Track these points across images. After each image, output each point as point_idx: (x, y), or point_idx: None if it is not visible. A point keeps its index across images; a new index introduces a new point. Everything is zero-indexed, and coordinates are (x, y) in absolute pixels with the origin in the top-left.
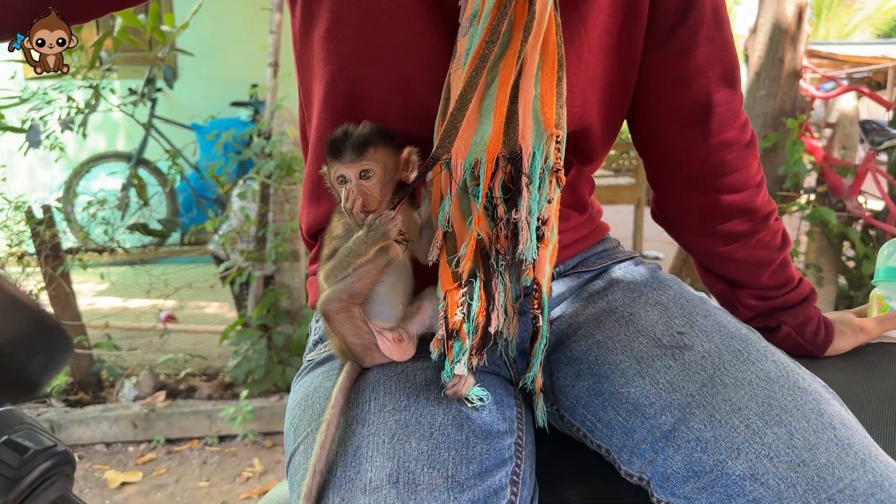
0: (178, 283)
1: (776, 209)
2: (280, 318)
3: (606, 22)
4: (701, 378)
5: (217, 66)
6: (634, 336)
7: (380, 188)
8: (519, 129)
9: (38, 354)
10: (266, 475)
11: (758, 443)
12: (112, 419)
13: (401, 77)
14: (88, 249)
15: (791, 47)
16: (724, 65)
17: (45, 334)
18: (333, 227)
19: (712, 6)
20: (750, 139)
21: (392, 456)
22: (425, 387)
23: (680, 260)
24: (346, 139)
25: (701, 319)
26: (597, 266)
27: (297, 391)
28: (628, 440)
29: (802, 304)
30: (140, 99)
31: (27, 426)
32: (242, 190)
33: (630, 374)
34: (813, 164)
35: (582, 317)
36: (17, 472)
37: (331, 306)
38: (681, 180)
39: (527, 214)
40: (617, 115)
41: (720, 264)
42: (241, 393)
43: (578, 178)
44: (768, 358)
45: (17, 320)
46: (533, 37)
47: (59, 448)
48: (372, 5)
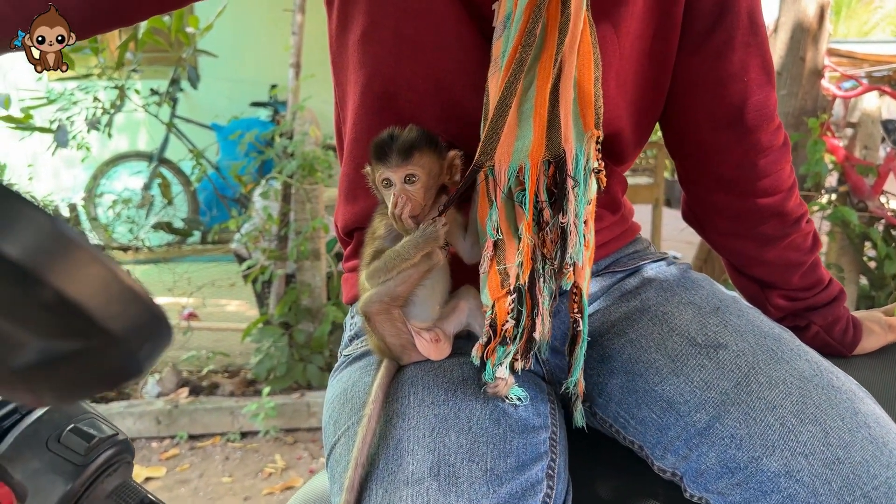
0: (200, 281)
1: (807, 211)
2: (301, 316)
3: (639, 28)
4: (735, 376)
5: (238, 66)
6: (668, 335)
7: (424, 193)
8: (562, 133)
9: (146, 342)
10: (288, 471)
11: (793, 440)
12: (136, 415)
13: (435, 79)
14: (113, 248)
15: (812, 46)
16: (760, 69)
17: (154, 324)
18: (376, 227)
19: (748, 10)
20: (783, 142)
21: (433, 449)
22: (462, 382)
23: (700, 260)
24: (392, 143)
25: (734, 319)
26: (629, 266)
27: (336, 385)
28: (662, 437)
29: (832, 304)
30: (163, 99)
31: (90, 415)
32: (265, 189)
33: (664, 373)
34: (834, 164)
35: (615, 315)
36: (84, 459)
37: (372, 308)
38: (713, 182)
39: (574, 217)
40: (649, 117)
41: (751, 266)
42: (263, 390)
43: (611, 177)
44: (802, 357)
45: (133, 310)
46: (569, 38)
47: (120, 437)
48: (407, 8)
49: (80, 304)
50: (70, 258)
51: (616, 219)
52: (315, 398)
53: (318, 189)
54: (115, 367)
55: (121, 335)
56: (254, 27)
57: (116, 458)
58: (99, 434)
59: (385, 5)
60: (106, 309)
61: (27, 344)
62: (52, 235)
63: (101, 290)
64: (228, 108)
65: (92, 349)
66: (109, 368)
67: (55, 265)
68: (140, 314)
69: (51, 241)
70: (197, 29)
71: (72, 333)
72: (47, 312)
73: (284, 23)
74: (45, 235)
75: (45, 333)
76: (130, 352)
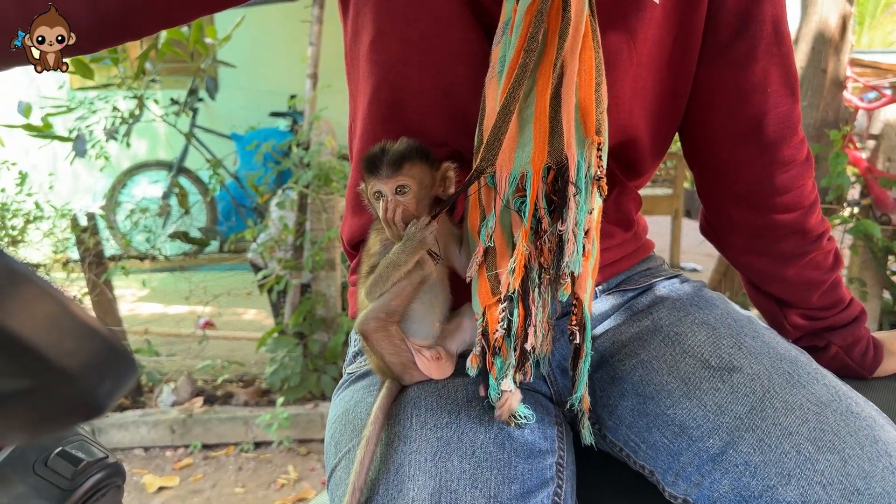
0: (216, 290)
1: (829, 229)
2: (316, 326)
3: (658, 34)
4: (750, 401)
5: (256, 77)
6: (681, 357)
7: (416, 203)
8: (564, 139)
9: (106, 379)
10: (301, 482)
11: (810, 469)
12: (151, 424)
13: (442, 85)
14: (131, 256)
15: (834, 57)
16: (783, 80)
17: (113, 359)
18: (371, 245)
19: (772, 20)
20: (806, 157)
21: (434, 474)
22: (466, 403)
23: (719, 273)
24: (382, 155)
25: (749, 340)
26: (641, 283)
27: (338, 405)
28: (674, 462)
29: (852, 325)
30: (182, 109)
31: (80, 437)
32: (281, 199)
33: (677, 396)
34: (857, 176)
35: (626, 335)
36: (71, 484)
37: (369, 325)
38: (732, 197)
39: (573, 225)
40: (667, 127)
41: (769, 283)
42: (277, 400)
43: (624, 194)
44: (819, 381)
45: (89, 346)
46: (570, 43)
47: (110, 460)
48: (414, 16)
49: (30, 341)
50: (17, 293)
51: (628, 236)
52: (328, 409)
53: (334, 199)
54: (73, 404)
55: (76, 372)
56: (272, 38)
57: (105, 482)
58: (87, 457)
59: (391, 13)
60: (58, 346)
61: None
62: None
63: (52, 326)
64: (247, 117)
65: (46, 387)
66: (68, 406)
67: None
68: (97, 350)
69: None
70: (216, 40)
71: (22, 372)
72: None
73: (302, 34)
74: None
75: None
76: (89, 388)
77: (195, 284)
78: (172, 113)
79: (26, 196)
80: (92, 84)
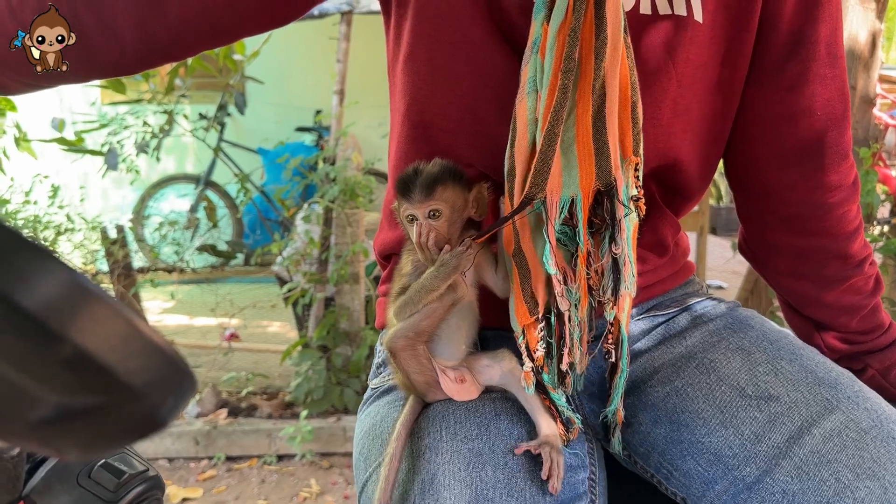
0: (242, 302)
1: (871, 253)
2: (339, 340)
3: (703, 56)
4: (788, 429)
5: (283, 92)
6: (717, 385)
7: (448, 227)
8: (612, 161)
9: (169, 396)
10: (323, 496)
11: (849, 497)
12: (175, 435)
13: (469, 107)
14: (159, 268)
15: (864, 74)
16: (835, 104)
17: (177, 377)
18: (403, 265)
19: (827, 41)
20: (853, 182)
21: (470, 483)
22: (495, 417)
23: (746, 290)
24: (415, 178)
25: (786, 365)
26: (673, 309)
27: (364, 421)
28: (708, 490)
29: (890, 348)
30: (211, 124)
31: (122, 450)
32: (307, 213)
33: (712, 424)
34: (886, 195)
35: (658, 361)
36: (114, 496)
37: (397, 343)
38: (775, 220)
39: (626, 247)
40: (715, 150)
41: (808, 306)
42: (301, 413)
43: (661, 219)
44: (860, 405)
45: (155, 364)
46: (608, 62)
47: (151, 472)
48: (441, 37)
49: (100, 359)
50: (90, 312)
51: (663, 261)
52: (351, 422)
53: (359, 214)
54: (137, 421)
55: (142, 390)
56: (300, 54)
57: (146, 495)
58: (130, 470)
59: (421, 34)
60: (127, 364)
61: (45, 399)
62: (72, 289)
63: (122, 345)
64: (274, 132)
65: (113, 404)
66: (131, 423)
67: (75, 320)
68: (162, 368)
69: (70, 295)
70: (244, 56)
71: (91, 389)
72: (66, 368)
73: (330, 50)
74: (64, 289)
75: (64, 389)
76: (153, 406)
77: (221, 297)
78: (201, 128)
79: (58, 209)
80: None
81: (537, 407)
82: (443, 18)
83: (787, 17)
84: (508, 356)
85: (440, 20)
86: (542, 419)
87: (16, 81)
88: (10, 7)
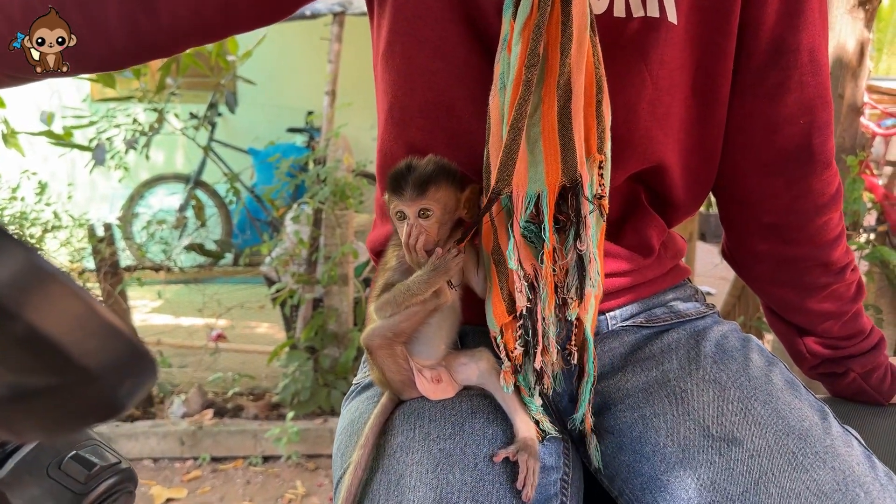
0: (230, 302)
1: (853, 259)
2: (327, 341)
3: (678, 58)
4: (745, 481)
5: (275, 93)
6: (682, 419)
7: (438, 227)
8: (577, 157)
9: (127, 379)
10: (308, 498)
11: None
12: (160, 435)
13: (444, 105)
14: (146, 267)
15: (852, 82)
16: (817, 112)
17: (135, 360)
18: (388, 259)
19: (809, 48)
20: (836, 191)
21: (435, 486)
22: (470, 415)
23: (733, 297)
24: (408, 175)
25: (759, 407)
26: (658, 323)
27: (345, 416)
28: None
29: (871, 352)
30: (201, 123)
31: (93, 442)
32: (296, 214)
33: (671, 462)
34: (873, 203)
35: (632, 384)
36: (84, 487)
37: (374, 341)
38: (757, 228)
39: (590, 244)
40: (701, 156)
41: (789, 312)
42: (288, 414)
43: (644, 220)
44: (827, 464)
45: (111, 346)
46: (574, 59)
47: (122, 465)
48: (416, 35)
49: (54, 339)
50: (45, 292)
51: (648, 262)
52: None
53: (349, 215)
54: (94, 403)
55: (98, 372)
56: (292, 55)
57: (118, 488)
58: (101, 462)
59: (399, 32)
60: (82, 345)
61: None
62: (27, 267)
63: (78, 325)
64: (265, 132)
65: (68, 385)
66: (88, 405)
67: (29, 298)
68: (120, 351)
69: (25, 274)
70: (236, 55)
71: (46, 369)
72: (19, 346)
73: (322, 51)
74: (19, 267)
75: (17, 368)
76: (110, 388)
77: (209, 296)
78: (192, 127)
79: (45, 205)
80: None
81: (515, 407)
82: (420, 18)
83: (769, 25)
84: (487, 355)
85: (417, 19)
86: (520, 419)
87: (10, 78)
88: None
